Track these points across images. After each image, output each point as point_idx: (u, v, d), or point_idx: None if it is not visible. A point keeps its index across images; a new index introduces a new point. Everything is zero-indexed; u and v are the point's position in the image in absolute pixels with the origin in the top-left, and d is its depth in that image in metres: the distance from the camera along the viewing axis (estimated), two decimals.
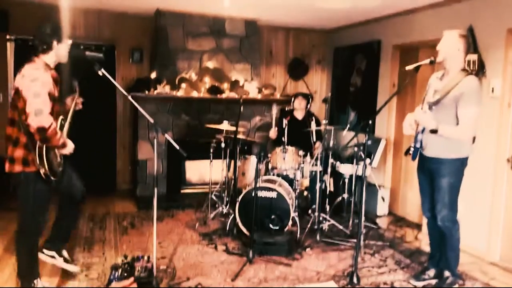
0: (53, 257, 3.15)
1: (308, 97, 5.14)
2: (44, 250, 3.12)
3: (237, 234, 4.21)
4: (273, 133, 4.94)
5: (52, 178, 2.77)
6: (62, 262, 3.20)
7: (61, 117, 2.93)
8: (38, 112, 2.54)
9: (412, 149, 3.17)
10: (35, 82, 2.61)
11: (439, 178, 3.12)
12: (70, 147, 2.87)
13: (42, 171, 2.69)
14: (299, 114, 5.12)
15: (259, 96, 5.86)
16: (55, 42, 2.80)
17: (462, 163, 3.11)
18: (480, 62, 3.95)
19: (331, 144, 4.58)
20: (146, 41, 5.92)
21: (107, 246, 3.93)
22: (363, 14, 5.35)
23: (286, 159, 4.34)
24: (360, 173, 4.35)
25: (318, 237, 4.22)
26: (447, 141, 3.03)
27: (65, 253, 3.26)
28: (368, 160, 4.79)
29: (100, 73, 2.96)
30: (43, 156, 2.68)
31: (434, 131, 2.96)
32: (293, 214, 4.13)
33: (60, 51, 2.86)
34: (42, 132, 2.56)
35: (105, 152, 5.92)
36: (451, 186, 3.11)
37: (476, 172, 3.90)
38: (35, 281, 2.95)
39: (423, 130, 3.11)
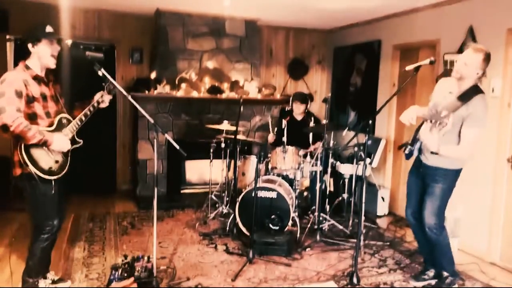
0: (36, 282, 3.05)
1: (306, 100, 5.07)
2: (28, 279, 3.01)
3: (237, 234, 4.21)
4: (271, 138, 4.96)
5: (43, 177, 2.69)
6: (50, 284, 3.09)
7: (61, 115, 2.89)
8: (1, 111, 2.50)
9: (408, 149, 3.16)
10: (2, 83, 2.61)
11: (432, 184, 3.11)
12: (58, 144, 2.75)
13: (28, 170, 2.64)
14: (298, 115, 5.11)
15: (259, 96, 5.85)
16: (30, 45, 2.75)
17: (457, 173, 3.11)
18: None
19: (331, 144, 4.58)
20: (146, 41, 5.92)
21: (107, 246, 3.93)
22: (363, 14, 5.35)
23: (286, 159, 4.34)
24: (360, 173, 4.35)
25: (318, 237, 4.21)
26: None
27: (50, 275, 3.11)
28: (368, 160, 4.79)
29: (100, 73, 2.95)
30: (23, 155, 2.62)
31: (434, 153, 2.93)
32: (293, 214, 4.13)
33: (41, 54, 2.77)
34: (5, 129, 2.51)
35: (105, 152, 5.92)
36: (443, 193, 3.09)
37: (476, 172, 3.89)
38: (39, 280, 2.94)
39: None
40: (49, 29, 2.79)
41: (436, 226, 3.12)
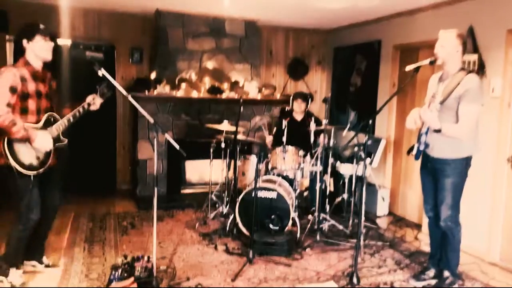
0: (34, 266, 3.28)
1: (307, 98, 5.09)
2: (25, 262, 3.21)
3: (237, 234, 4.21)
4: (269, 141, 4.95)
5: (22, 171, 2.78)
6: (43, 268, 3.31)
7: (49, 113, 2.99)
8: None
9: (415, 148, 3.17)
10: None
11: (443, 179, 3.13)
12: (40, 142, 2.83)
13: (8, 162, 2.74)
14: (298, 115, 5.11)
15: (259, 96, 5.85)
16: (25, 41, 2.87)
17: (466, 163, 3.12)
18: (480, 62, 3.95)
19: (331, 144, 4.58)
20: (146, 41, 5.92)
21: (107, 246, 3.93)
22: (363, 14, 5.35)
23: (286, 159, 4.34)
24: (360, 173, 4.35)
25: (318, 237, 4.22)
26: (451, 141, 3.03)
27: (45, 259, 3.36)
28: (368, 160, 4.79)
29: (100, 73, 2.97)
30: (5, 147, 2.73)
31: (437, 130, 2.96)
32: (293, 214, 4.13)
33: (35, 49, 2.88)
34: None
35: (105, 152, 5.92)
36: (455, 186, 3.12)
37: (476, 172, 3.87)
38: (10, 269, 3.01)
39: (426, 132, 3.11)
40: (42, 26, 2.94)
41: (451, 219, 3.14)
